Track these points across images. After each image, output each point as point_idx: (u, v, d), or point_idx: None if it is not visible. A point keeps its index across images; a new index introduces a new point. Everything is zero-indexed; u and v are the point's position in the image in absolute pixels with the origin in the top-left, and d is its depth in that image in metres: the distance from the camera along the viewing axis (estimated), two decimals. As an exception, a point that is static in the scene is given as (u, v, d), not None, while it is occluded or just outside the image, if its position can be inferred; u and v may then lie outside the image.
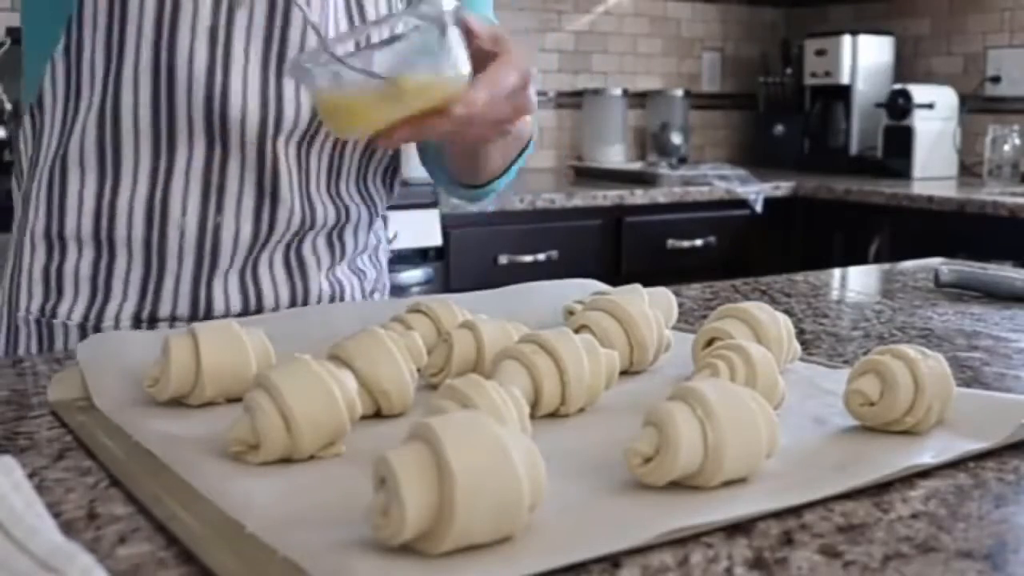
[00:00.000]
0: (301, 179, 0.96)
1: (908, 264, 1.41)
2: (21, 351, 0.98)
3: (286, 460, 0.58)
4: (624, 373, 0.78)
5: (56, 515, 0.51)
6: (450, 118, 0.80)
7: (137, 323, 0.95)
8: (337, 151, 0.98)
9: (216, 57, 0.90)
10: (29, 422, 0.68)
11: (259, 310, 0.98)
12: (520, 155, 1.05)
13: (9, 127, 2.33)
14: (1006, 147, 3.14)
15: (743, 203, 2.91)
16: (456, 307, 0.83)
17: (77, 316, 0.96)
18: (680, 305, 0.95)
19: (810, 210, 3.03)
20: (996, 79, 3.28)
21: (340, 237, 1.02)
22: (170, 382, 0.68)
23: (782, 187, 3.02)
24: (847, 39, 3.33)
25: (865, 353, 0.74)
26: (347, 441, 0.61)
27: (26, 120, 0.97)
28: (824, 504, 0.54)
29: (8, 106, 2.35)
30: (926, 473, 0.58)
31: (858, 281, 1.35)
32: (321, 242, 1.00)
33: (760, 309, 0.79)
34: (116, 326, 0.95)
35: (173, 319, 0.96)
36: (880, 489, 0.56)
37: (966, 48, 3.40)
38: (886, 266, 1.44)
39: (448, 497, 0.45)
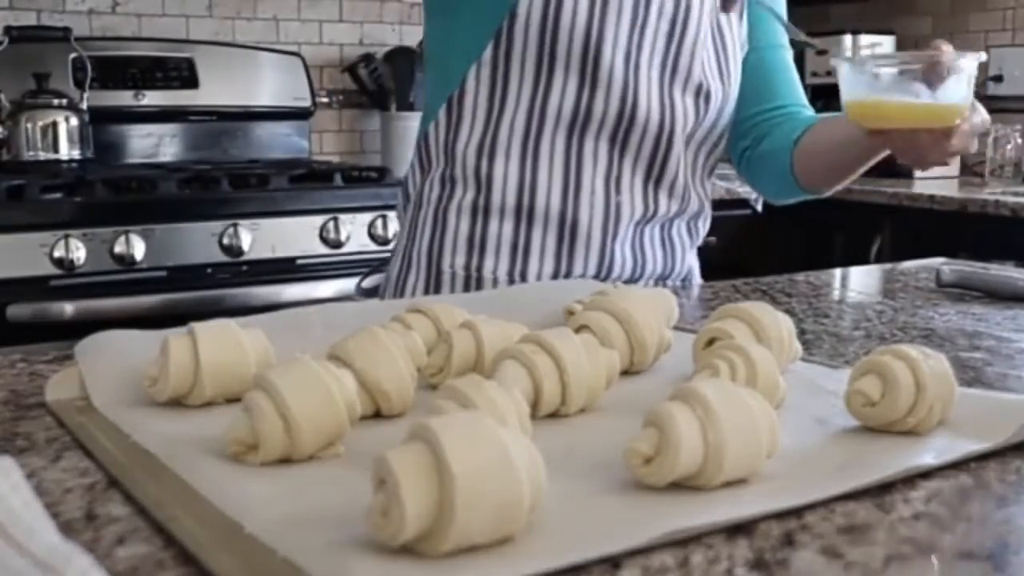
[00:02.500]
0: (686, 170, 1.19)
1: (910, 264, 1.40)
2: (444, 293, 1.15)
3: (285, 460, 0.58)
4: (624, 373, 0.78)
5: (55, 516, 0.51)
6: (958, 135, 0.99)
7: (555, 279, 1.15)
8: (705, 151, 1.21)
9: (629, 69, 1.12)
10: (28, 423, 0.68)
11: (643, 274, 1.20)
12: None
13: (7, 125, 2.33)
14: (1008, 147, 3.13)
15: (743, 203, 2.90)
16: (456, 307, 0.83)
17: (502, 273, 1.14)
18: (680, 305, 0.95)
19: (811, 210, 3.02)
20: (998, 78, 3.28)
21: (696, 224, 1.25)
22: (169, 382, 0.67)
23: (783, 187, 3.01)
24: (848, 39, 3.33)
25: (866, 353, 0.73)
26: (347, 441, 0.60)
27: (441, 112, 1.16)
28: (825, 505, 0.54)
29: (7, 105, 2.34)
30: (928, 474, 0.58)
31: (859, 281, 1.35)
32: (683, 227, 1.23)
33: (761, 309, 0.78)
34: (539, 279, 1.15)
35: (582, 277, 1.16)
36: (881, 490, 0.56)
37: (968, 47, 3.39)
38: (887, 266, 1.43)
39: (448, 498, 0.45)
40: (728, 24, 1.20)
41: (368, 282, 1.38)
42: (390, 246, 2.28)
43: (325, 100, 2.97)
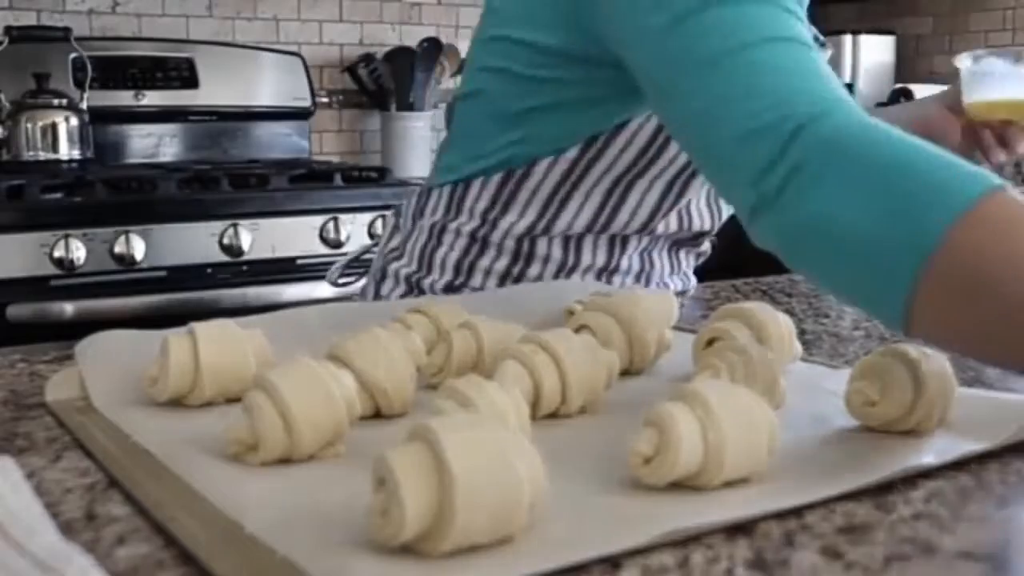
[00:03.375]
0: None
1: (909, 264, 1.40)
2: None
3: (285, 460, 0.58)
4: (624, 373, 0.78)
5: (55, 516, 0.51)
6: None
7: None
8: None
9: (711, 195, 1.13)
10: (28, 423, 0.68)
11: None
12: None
13: (7, 125, 2.33)
14: (1007, 147, 3.13)
15: (744, 203, 2.91)
16: (456, 307, 0.83)
17: None
18: (680, 305, 0.95)
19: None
20: (997, 79, 3.27)
21: (697, 243, 1.23)
22: (169, 382, 0.67)
23: (783, 187, 3.01)
24: (848, 39, 3.32)
25: (866, 353, 0.73)
26: (347, 441, 0.60)
27: (495, 178, 1.08)
28: (825, 505, 0.54)
29: (7, 105, 2.34)
30: (928, 474, 0.58)
31: (859, 281, 1.34)
32: (691, 255, 1.21)
33: (761, 309, 0.78)
34: None
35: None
36: (882, 490, 0.56)
37: (968, 47, 3.39)
38: (887, 266, 1.43)
39: (448, 498, 0.45)
40: None
41: (344, 279, 1.36)
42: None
43: (325, 100, 2.97)
